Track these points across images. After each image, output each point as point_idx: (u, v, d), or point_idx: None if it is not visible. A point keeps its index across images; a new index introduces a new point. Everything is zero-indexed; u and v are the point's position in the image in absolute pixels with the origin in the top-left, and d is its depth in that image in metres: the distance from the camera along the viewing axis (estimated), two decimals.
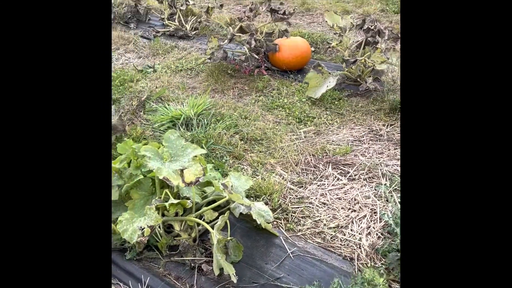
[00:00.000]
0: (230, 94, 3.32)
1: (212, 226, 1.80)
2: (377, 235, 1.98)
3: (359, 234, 1.99)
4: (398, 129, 2.73)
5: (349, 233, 2.00)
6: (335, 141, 2.70)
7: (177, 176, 1.74)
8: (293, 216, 2.11)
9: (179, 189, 1.92)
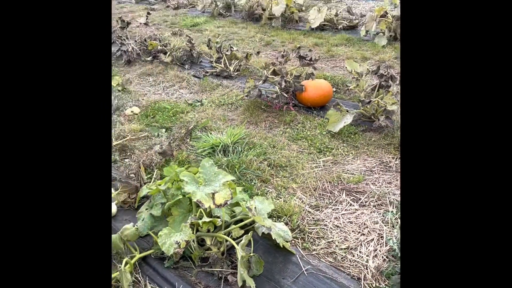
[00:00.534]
0: (262, 126, 3.29)
1: (238, 243, 1.75)
2: (383, 258, 1.87)
3: (367, 256, 1.89)
4: None
5: (358, 255, 1.91)
6: (350, 170, 2.61)
7: (209, 199, 1.71)
8: (309, 237, 2.03)
9: (211, 209, 1.89)
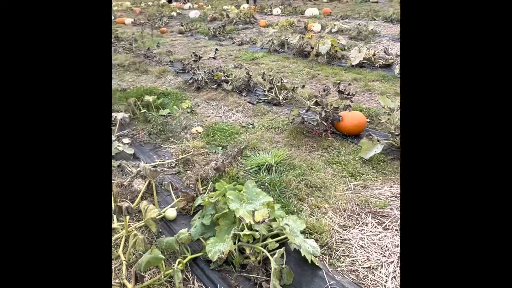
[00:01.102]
0: (303, 149, 3.22)
1: (272, 255, 1.69)
2: None
3: (386, 277, 1.75)
4: None
5: (378, 275, 1.77)
6: (377, 195, 2.45)
7: (250, 216, 1.68)
8: (336, 254, 1.92)
9: (251, 224, 1.85)
